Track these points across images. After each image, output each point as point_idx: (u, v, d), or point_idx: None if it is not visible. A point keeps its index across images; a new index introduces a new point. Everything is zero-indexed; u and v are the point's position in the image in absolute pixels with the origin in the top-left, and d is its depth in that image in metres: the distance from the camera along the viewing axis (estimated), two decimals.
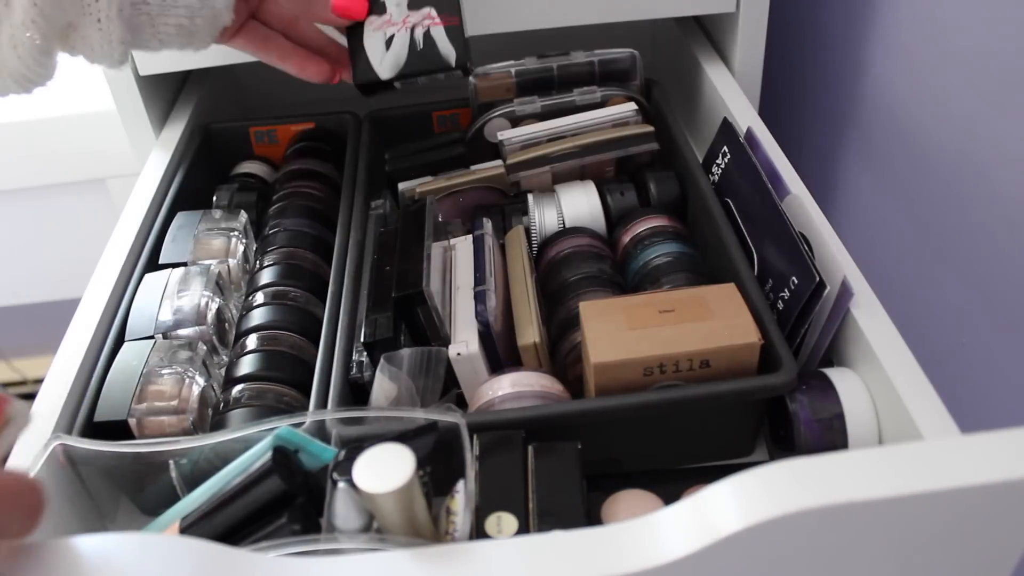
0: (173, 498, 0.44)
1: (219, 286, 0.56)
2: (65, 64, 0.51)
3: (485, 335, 0.50)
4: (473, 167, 0.62)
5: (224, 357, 0.54)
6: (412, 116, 0.70)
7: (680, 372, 0.45)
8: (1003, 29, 0.56)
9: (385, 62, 0.57)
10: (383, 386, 0.46)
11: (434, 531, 0.37)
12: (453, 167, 0.63)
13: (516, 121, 0.64)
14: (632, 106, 0.64)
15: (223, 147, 0.72)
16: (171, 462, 0.45)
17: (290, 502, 0.38)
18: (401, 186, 0.62)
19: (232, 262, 0.58)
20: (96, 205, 1.05)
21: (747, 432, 0.50)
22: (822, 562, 0.34)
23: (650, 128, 0.63)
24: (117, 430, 0.47)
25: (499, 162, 0.62)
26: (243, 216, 0.61)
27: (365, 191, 0.62)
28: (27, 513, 0.29)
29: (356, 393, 0.49)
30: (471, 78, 0.64)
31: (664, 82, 0.69)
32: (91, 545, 0.31)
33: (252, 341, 0.52)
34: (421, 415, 0.40)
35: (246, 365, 0.50)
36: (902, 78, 0.68)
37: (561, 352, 0.52)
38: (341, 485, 0.37)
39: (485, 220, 0.57)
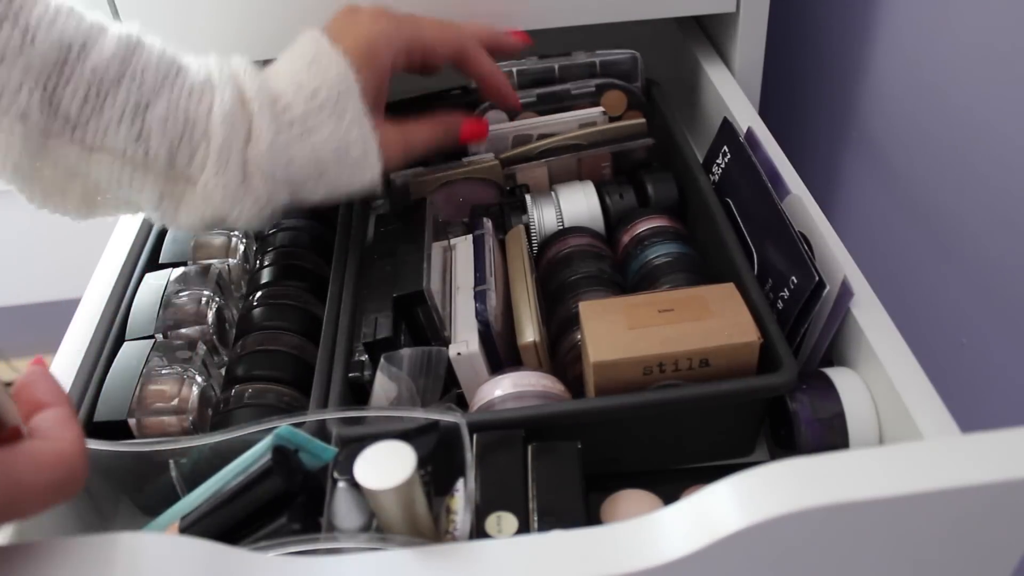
0: (173, 498, 0.43)
1: (219, 286, 0.56)
2: None
3: (485, 335, 0.50)
4: (466, 159, 0.63)
5: (224, 357, 0.54)
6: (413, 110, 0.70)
7: (679, 371, 0.45)
8: (1003, 28, 0.56)
9: None
10: (383, 386, 0.46)
11: (434, 530, 0.37)
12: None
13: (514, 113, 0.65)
14: (599, 109, 0.64)
15: None
16: (171, 462, 0.45)
17: (290, 502, 0.38)
18: (393, 174, 0.62)
19: (232, 262, 0.58)
20: None
21: (747, 432, 0.50)
22: (822, 562, 0.34)
23: (642, 120, 0.63)
24: (117, 430, 0.47)
25: (491, 155, 0.63)
26: None
27: None
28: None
29: (356, 393, 0.49)
30: None
31: (664, 82, 0.69)
32: (91, 545, 0.31)
33: (252, 341, 0.52)
34: (421, 415, 0.40)
35: (246, 365, 0.50)
36: (902, 78, 0.68)
37: (561, 351, 0.52)
38: (341, 484, 0.37)
39: (485, 220, 0.57)
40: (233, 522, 0.39)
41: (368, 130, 0.51)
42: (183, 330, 0.52)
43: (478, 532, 0.39)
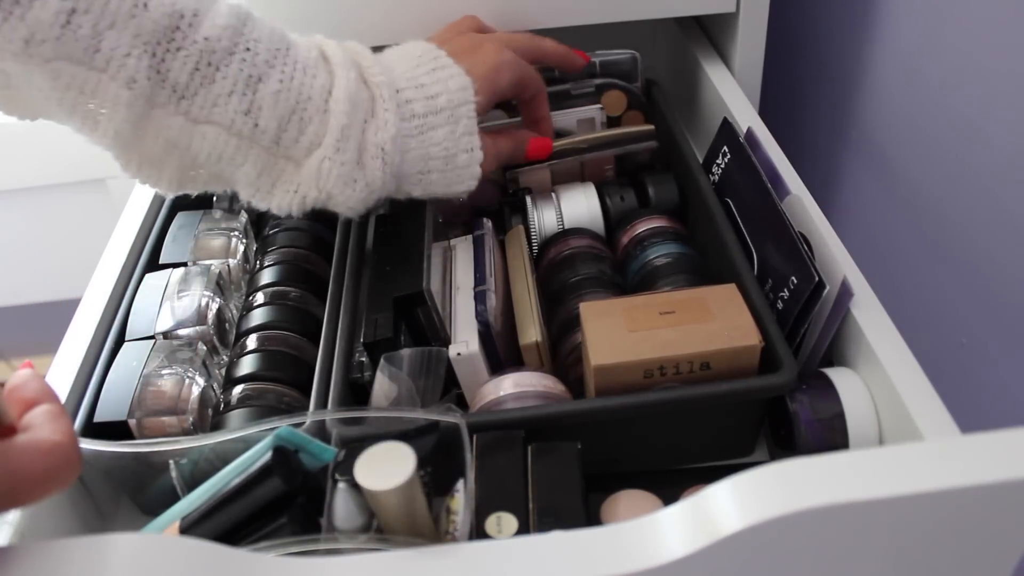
0: (173, 498, 0.43)
1: (219, 286, 0.56)
2: None
3: (485, 335, 0.50)
4: None
5: (224, 357, 0.54)
6: None
7: (680, 374, 0.45)
8: (1003, 29, 0.56)
9: None
10: (383, 386, 0.46)
11: (434, 530, 0.37)
12: None
13: (513, 110, 0.65)
14: (597, 106, 0.64)
15: None
16: (171, 462, 0.45)
17: (290, 502, 0.38)
18: None
19: (232, 262, 0.58)
20: (96, 205, 1.05)
21: (747, 432, 0.50)
22: (822, 562, 0.34)
23: (650, 127, 0.63)
24: (117, 431, 0.47)
25: None
26: (243, 216, 0.61)
27: None
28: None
29: (356, 393, 0.49)
30: None
31: (664, 82, 0.69)
32: (91, 545, 0.31)
33: (252, 341, 0.52)
34: (421, 415, 0.40)
35: (246, 365, 0.50)
36: (902, 78, 0.68)
37: (562, 353, 0.52)
38: (341, 485, 0.37)
39: (485, 220, 0.57)
40: (233, 523, 0.38)
41: (477, 143, 0.52)
42: (183, 330, 0.52)
43: (478, 532, 0.39)
